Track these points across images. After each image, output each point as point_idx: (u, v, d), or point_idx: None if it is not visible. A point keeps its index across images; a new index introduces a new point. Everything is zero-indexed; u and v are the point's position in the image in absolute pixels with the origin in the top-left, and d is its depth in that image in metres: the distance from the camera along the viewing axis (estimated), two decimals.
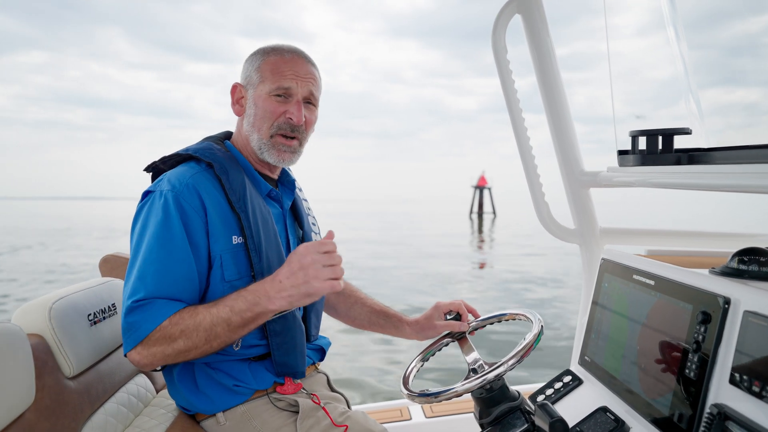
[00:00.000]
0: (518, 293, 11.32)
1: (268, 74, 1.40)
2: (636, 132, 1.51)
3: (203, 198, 1.31)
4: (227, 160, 1.39)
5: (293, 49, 1.45)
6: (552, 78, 1.79)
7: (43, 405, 1.20)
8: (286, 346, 1.39)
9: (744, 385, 1.02)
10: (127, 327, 1.22)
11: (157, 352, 1.22)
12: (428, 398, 1.34)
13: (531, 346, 1.33)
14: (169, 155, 1.42)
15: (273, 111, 1.40)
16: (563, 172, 1.86)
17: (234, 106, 1.48)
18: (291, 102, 1.41)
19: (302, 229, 1.58)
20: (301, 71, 1.42)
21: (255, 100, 1.42)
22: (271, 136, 1.41)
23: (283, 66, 1.41)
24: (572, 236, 1.94)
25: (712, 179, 1.24)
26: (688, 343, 1.18)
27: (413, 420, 2.17)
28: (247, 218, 1.34)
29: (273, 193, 1.49)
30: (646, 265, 1.45)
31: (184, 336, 1.21)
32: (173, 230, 1.27)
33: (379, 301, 1.78)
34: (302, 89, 1.42)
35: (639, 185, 1.53)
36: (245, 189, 1.37)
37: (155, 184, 1.34)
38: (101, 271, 1.81)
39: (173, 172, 1.36)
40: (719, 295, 1.14)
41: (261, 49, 1.46)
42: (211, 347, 1.23)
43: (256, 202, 1.39)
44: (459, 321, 1.62)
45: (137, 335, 1.21)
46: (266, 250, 1.36)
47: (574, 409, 1.49)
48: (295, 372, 1.43)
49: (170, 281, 1.25)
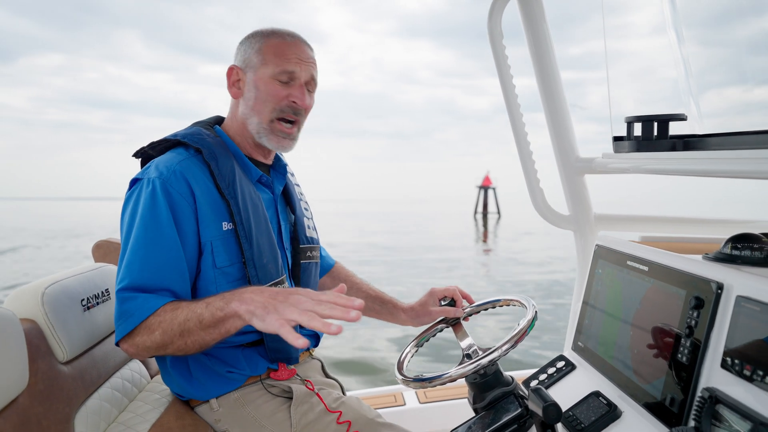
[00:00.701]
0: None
1: (271, 57, 1.38)
2: (631, 118, 1.51)
3: (191, 184, 1.29)
4: (216, 145, 1.38)
5: (293, 33, 1.44)
6: (548, 65, 1.78)
7: (36, 390, 1.19)
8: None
9: (735, 369, 1.03)
10: (118, 317, 1.23)
11: (139, 342, 1.22)
12: (423, 383, 1.35)
13: (525, 332, 1.34)
14: (157, 140, 1.40)
15: (276, 94, 1.39)
16: (558, 158, 1.86)
17: (231, 88, 1.45)
18: (294, 86, 1.40)
19: (294, 213, 1.57)
20: (303, 55, 1.41)
21: (256, 83, 1.39)
22: (272, 120, 1.40)
23: (286, 49, 1.39)
24: (567, 222, 1.94)
25: (707, 165, 1.24)
26: (680, 328, 1.19)
27: (407, 405, 2.19)
28: (236, 204, 1.33)
29: (264, 178, 1.48)
30: (640, 251, 1.46)
31: (161, 329, 1.19)
32: (160, 218, 1.25)
33: (374, 285, 1.78)
34: (305, 73, 1.41)
35: (634, 171, 1.53)
36: (234, 175, 1.35)
37: (143, 172, 1.33)
38: (94, 256, 1.80)
39: (161, 159, 1.34)
40: (712, 280, 1.14)
41: (259, 32, 1.43)
42: (185, 344, 1.18)
43: (245, 188, 1.37)
44: (454, 307, 1.63)
45: (125, 326, 1.21)
46: (256, 237, 1.35)
47: (568, 393, 1.50)
48: (289, 358, 1.43)
49: (156, 269, 1.24)
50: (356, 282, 1.77)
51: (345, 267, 1.83)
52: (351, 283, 1.76)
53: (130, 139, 40.66)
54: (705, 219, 1.83)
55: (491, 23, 1.77)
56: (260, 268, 1.34)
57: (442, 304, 1.64)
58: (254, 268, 1.32)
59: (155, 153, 1.40)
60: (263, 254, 1.34)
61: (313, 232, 1.62)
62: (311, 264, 1.56)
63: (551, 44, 1.77)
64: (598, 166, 1.73)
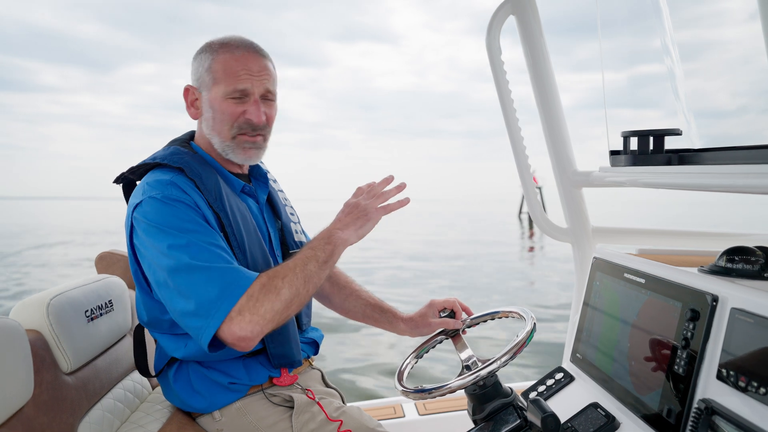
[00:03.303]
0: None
1: (221, 75, 1.34)
2: (628, 132, 1.54)
3: (189, 194, 1.29)
4: (196, 161, 1.37)
5: (243, 44, 1.38)
6: (545, 78, 1.81)
7: (41, 400, 1.21)
8: (281, 338, 1.40)
9: (731, 380, 1.05)
10: (209, 301, 1.14)
11: (266, 312, 1.16)
12: (422, 394, 1.36)
13: (524, 343, 1.35)
14: (136, 165, 1.38)
15: (231, 113, 1.36)
16: (556, 172, 1.89)
17: (189, 109, 1.42)
18: (248, 102, 1.36)
19: (280, 220, 1.57)
20: (254, 68, 1.36)
21: (211, 103, 1.37)
22: (233, 137, 1.38)
23: (234, 65, 1.34)
24: (564, 235, 1.97)
25: (702, 179, 1.27)
26: (677, 340, 1.21)
27: (407, 417, 2.19)
28: (226, 217, 1.33)
29: (246, 188, 1.48)
30: (636, 264, 1.48)
31: (287, 283, 1.20)
32: (188, 219, 1.24)
33: (373, 294, 1.79)
34: (258, 88, 1.36)
35: (630, 185, 1.55)
36: (220, 188, 1.35)
37: (139, 195, 1.29)
38: (97, 268, 1.81)
39: (148, 179, 1.32)
40: (707, 292, 1.16)
41: (208, 46, 1.39)
42: (308, 292, 1.24)
43: (232, 200, 1.38)
44: (453, 318, 1.64)
45: (228, 302, 1.14)
46: (249, 246, 1.35)
47: (566, 405, 1.52)
48: (293, 362, 1.43)
49: (223, 253, 1.22)
50: (355, 289, 1.78)
51: (344, 273, 1.84)
52: (350, 290, 1.77)
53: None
54: (700, 232, 1.86)
55: (489, 38, 1.81)
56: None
57: (441, 315, 1.65)
58: None
59: (135, 177, 1.39)
60: (257, 263, 1.35)
61: (301, 236, 1.62)
62: None
63: (548, 58, 1.80)
64: (595, 179, 1.76)
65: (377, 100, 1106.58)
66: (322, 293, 1.78)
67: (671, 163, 1.44)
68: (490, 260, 16.86)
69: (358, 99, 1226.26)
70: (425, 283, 12.68)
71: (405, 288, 11.78)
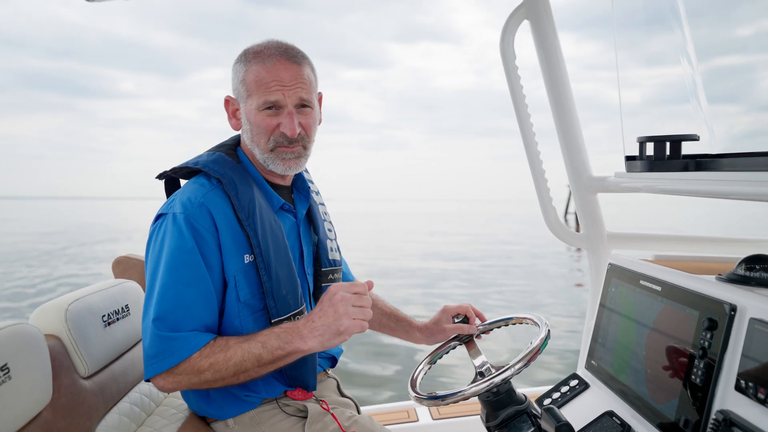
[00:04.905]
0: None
1: (254, 88, 1.32)
2: (644, 138, 1.52)
3: (215, 218, 1.28)
4: (237, 173, 1.35)
5: (277, 51, 1.34)
6: (560, 83, 1.80)
7: (59, 404, 1.23)
8: (297, 360, 1.33)
9: (750, 392, 1.03)
10: (154, 354, 1.21)
11: (182, 380, 1.22)
12: (436, 401, 1.36)
13: (538, 350, 1.34)
14: (179, 166, 1.39)
15: (266, 126, 1.34)
16: (571, 177, 1.88)
17: (231, 120, 1.42)
18: (282, 114, 1.33)
19: (317, 235, 1.54)
20: (285, 78, 1.32)
21: (247, 116, 1.36)
22: (271, 149, 1.36)
23: (266, 76, 1.31)
24: (580, 241, 1.95)
25: (719, 186, 1.25)
26: (694, 349, 1.19)
27: (420, 422, 2.19)
28: (255, 236, 1.31)
29: (286, 206, 1.45)
30: (653, 271, 1.46)
31: (212, 369, 1.21)
32: (189, 253, 1.25)
33: (389, 302, 1.79)
34: (291, 98, 1.33)
35: (646, 191, 1.53)
36: (254, 205, 1.33)
37: (167, 206, 1.31)
38: (114, 272, 1.83)
39: (184, 191, 1.33)
40: (725, 302, 1.15)
41: (243, 54, 1.36)
42: (237, 380, 1.24)
43: (266, 218, 1.35)
44: (467, 324, 1.64)
45: (163, 364, 1.21)
46: (275, 268, 1.33)
47: (581, 413, 1.50)
48: (306, 385, 1.42)
49: (189, 306, 1.24)
50: (372, 298, 1.78)
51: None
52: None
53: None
54: (718, 238, 1.83)
55: (503, 44, 1.80)
56: (279, 299, 1.33)
57: (455, 321, 1.65)
58: (273, 300, 1.32)
59: (177, 176, 1.41)
60: (281, 286, 1.34)
61: (335, 254, 1.59)
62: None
63: (563, 61, 1.79)
64: (610, 185, 1.74)
65: (438, 99, 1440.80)
66: None
67: (688, 169, 1.42)
68: (547, 262, 16.97)
69: (420, 99, 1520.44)
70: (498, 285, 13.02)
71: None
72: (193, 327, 1.24)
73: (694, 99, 1.65)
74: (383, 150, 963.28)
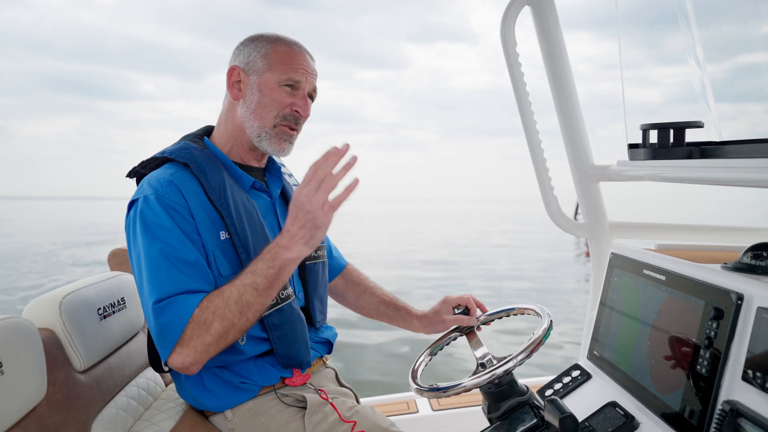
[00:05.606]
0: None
1: (278, 64, 1.39)
2: (647, 125, 1.50)
3: (185, 195, 1.30)
4: (204, 158, 1.37)
5: (299, 43, 1.44)
6: (562, 70, 1.77)
7: (54, 399, 1.21)
8: (287, 338, 1.38)
9: (757, 382, 1.01)
10: (160, 332, 1.20)
11: (197, 345, 1.19)
12: (437, 393, 1.34)
13: (540, 341, 1.33)
14: (147, 159, 1.40)
15: (281, 101, 1.39)
16: (572, 166, 1.85)
17: (231, 89, 1.43)
18: (298, 95, 1.41)
19: None
20: (309, 66, 1.43)
21: (260, 87, 1.39)
22: (274, 125, 1.40)
23: (293, 58, 1.40)
24: (581, 230, 1.93)
25: (724, 173, 1.23)
26: (699, 339, 1.18)
27: (420, 413, 2.18)
28: (230, 215, 1.32)
29: (257, 184, 1.47)
30: (656, 260, 1.44)
31: (218, 316, 1.19)
32: (167, 230, 1.25)
33: (387, 290, 1.77)
34: (309, 84, 1.43)
35: (649, 179, 1.51)
36: (225, 186, 1.35)
37: (137, 192, 1.33)
38: (110, 265, 1.81)
39: (152, 175, 1.34)
40: (732, 291, 1.13)
41: (264, 36, 1.43)
42: (247, 320, 1.22)
43: (238, 198, 1.37)
44: (467, 315, 1.62)
45: (173, 335, 1.19)
46: (254, 245, 1.34)
47: (583, 403, 1.49)
48: (301, 363, 1.42)
49: (183, 273, 1.24)
50: (369, 286, 1.76)
51: (358, 269, 1.82)
52: (364, 287, 1.76)
53: (296, 146, 41.12)
54: (722, 227, 1.81)
55: (504, 30, 1.77)
56: None
57: (455, 312, 1.63)
58: None
59: (146, 171, 1.40)
60: None
61: None
62: (318, 264, 1.55)
63: (565, 49, 1.76)
64: (612, 173, 1.72)
65: (454, 99, 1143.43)
66: (336, 291, 1.77)
67: (692, 156, 1.40)
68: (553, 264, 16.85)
69: (435, 99, 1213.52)
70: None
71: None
72: (191, 292, 1.24)
73: (699, 87, 1.63)
74: (399, 150, 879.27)
